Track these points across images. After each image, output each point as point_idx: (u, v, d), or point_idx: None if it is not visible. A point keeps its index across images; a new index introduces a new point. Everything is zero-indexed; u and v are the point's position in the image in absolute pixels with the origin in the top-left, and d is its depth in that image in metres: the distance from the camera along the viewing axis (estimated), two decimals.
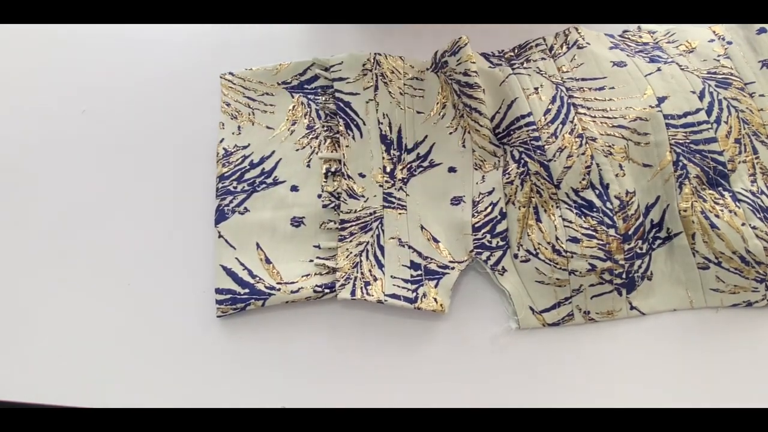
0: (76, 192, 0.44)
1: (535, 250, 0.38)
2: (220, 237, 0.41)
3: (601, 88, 0.42)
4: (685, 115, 0.40)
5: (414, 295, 0.38)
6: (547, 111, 0.41)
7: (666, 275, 0.39)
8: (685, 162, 0.39)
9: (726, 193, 0.38)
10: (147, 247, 0.42)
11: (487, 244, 0.39)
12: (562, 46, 0.44)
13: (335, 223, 0.40)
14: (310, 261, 0.40)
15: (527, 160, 0.39)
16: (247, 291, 0.39)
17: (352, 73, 0.44)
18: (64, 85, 0.49)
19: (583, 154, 0.39)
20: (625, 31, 0.46)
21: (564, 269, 0.37)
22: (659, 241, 0.39)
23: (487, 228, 0.39)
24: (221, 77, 0.47)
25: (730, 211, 0.37)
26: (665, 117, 0.39)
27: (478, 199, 0.40)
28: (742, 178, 0.39)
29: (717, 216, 0.37)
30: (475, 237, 0.39)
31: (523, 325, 0.38)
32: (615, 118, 0.40)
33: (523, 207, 0.39)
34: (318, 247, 0.40)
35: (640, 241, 0.38)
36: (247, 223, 0.41)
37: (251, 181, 0.42)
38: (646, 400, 0.36)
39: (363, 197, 0.41)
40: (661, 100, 0.40)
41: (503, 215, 0.39)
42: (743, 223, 0.36)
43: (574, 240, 0.37)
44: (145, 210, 0.43)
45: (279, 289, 0.38)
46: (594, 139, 0.39)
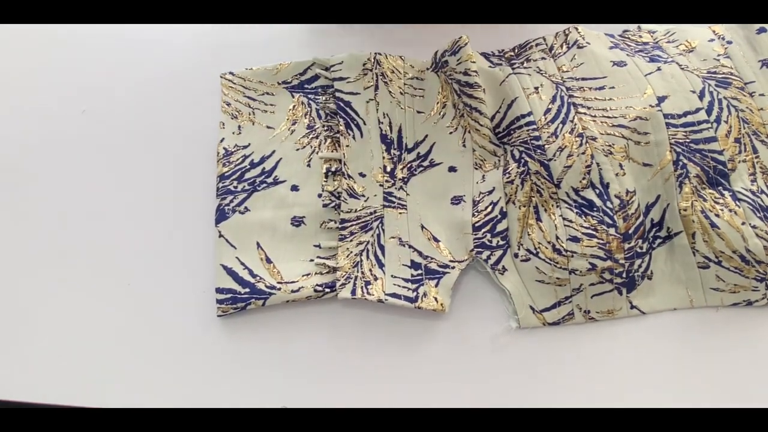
0: (76, 192, 0.44)
1: (536, 249, 0.38)
2: (221, 236, 0.41)
3: (601, 88, 0.42)
4: (685, 114, 0.40)
5: (414, 294, 0.38)
6: (548, 110, 0.41)
7: (666, 274, 0.39)
8: (685, 161, 0.39)
9: (726, 193, 0.38)
10: (147, 247, 0.42)
11: (488, 243, 0.39)
12: (562, 46, 0.44)
13: (336, 223, 0.40)
14: (311, 260, 0.40)
15: (527, 159, 0.39)
16: (247, 290, 0.39)
17: (352, 73, 0.44)
18: (64, 85, 0.49)
19: (583, 153, 0.39)
20: (625, 30, 0.46)
21: (564, 268, 0.37)
22: (659, 241, 0.39)
23: (487, 227, 0.39)
24: (221, 77, 0.47)
25: (730, 210, 0.37)
26: (665, 116, 0.39)
27: (478, 198, 0.40)
28: (742, 177, 0.39)
29: (717, 215, 0.37)
30: (476, 236, 0.39)
31: (524, 325, 0.38)
32: (615, 117, 0.40)
33: (524, 206, 0.39)
34: (318, 246, 0.40)
35: (641, 241, 0.38)
36: (247, 222, 0.41)
37: (252, 180, 0.42)
38: (646, 400, 0.36)
39: (363, 197, 0.41)
40: (661, 99, 0.40)
41: (503, 214, 0.39)
42: (743, 223, 0.37)
43: (575, 239, 0.37)
44: (145, 210, 0.43)
45: (279, 289, 0.38)
46: (594, 139, 0.39)
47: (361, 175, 0.42)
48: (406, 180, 0.42)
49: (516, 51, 0.45)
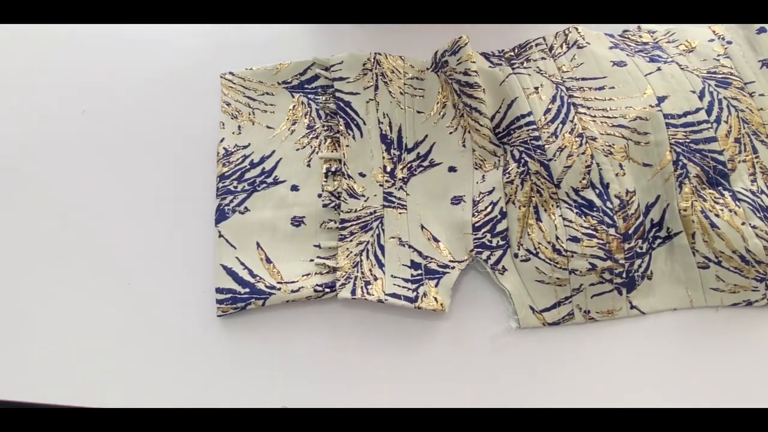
0: (76, 192, 0.44)
1: (536, 249, 0.38)
2: (221, 236, 0.41)
3: (601, 88, 0.42)
4: (685, 114, 0.40)
5: (414, 294, 0.38)
6: (547, 110, 0.41)
7: (666, 274, 0.39)
8: (685, 161, 0.39)
9: (726, 193, 0.38)
10: (147, 247, 0.42)
11: (488, 243, 0.39)
12: (562, 46, 0.44)
13: (335, 223, 0.40)
14: (311, 260, 0.40)
15: (527, 159, 0.39)
16: (247, 290, 0.39)
17: (352, 73, 0.44)
18: (64, 85, 0.49)
19: (583, 153, 0.39)
20: (625, 30, 0.46)
21: (564, 268, 0.37)
22: (659, 241, 0.39)
23: (487, 227, 0.39)
24: (221, 77, 0.47)
25: (730, 210, 0.37)
26: (665, 116, 0.39)
27: (478, 198, 0.40)
28: (742, 177, 0.39)
29: (717, 215, 0.37)
30: (476, 236, 0.39)
31: (524, 325, 0.38)
32: (615, 117, 0.40)
33: (524, 206, 0.39)
34: (318, 246, 0.40)
35: (640, 241, 0.38)
36: (247, 222, 0.41)
37: (251, 180, 0.42)
38: (646, 400, 0.36)
39: (363, 197, 0.41)
40: (661, 99, 0.40)
41: (503, 215, 0.39)
42: (743, 223, 0.37)
43: (575, 239, 0.37)
44: (145, 210, 0.43)
45: (279, 289, 0.38)
46: (594, 139, 0.39)
47: (361, 175, 0.42)
48: (406, 180, 0.42)
49: (516, 51, 0.45)
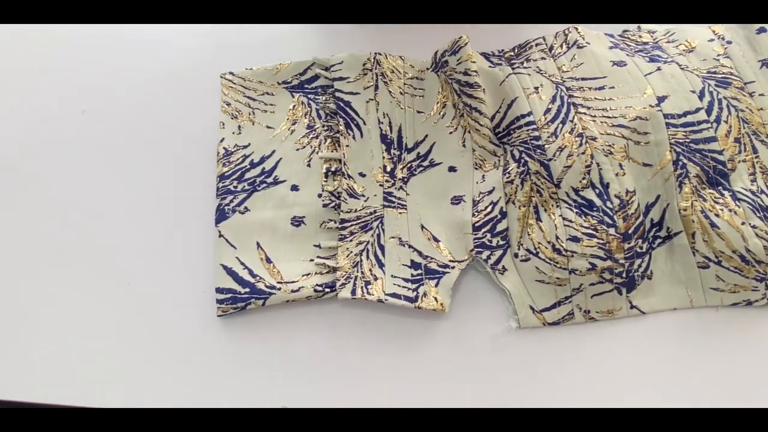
0: (76, 192, 0.44)
1: (536, 249, 0.38)
2: (221, 236, 0.41)
3: (601, 88, 0.42)
4: (685, 114, 0.40)
5: (414, 294, 0.38)
6: (547, 110, 0.41)
7: (666, 274, 0.39)
8: (685, 161, 0.39)
9: (726, 193, 0.38)
10: (147, 247, 0.42)
11: (488, 243, 0.39)
12: (562, 46, 0.44)
13: (335, 223, 0.40)
14: (311, 260, 0.40)
15: (527, 159, 0.39)
16: (247, 290, 0.39)
17: (352, 73, 0.44)
18: (64, 85, 0.49)
19: (583, 153, 0.39)
20: (625, 30, 0.46)
21: (564, 268, 0.37)
22: (659, 240, 0.39)
23: (487, 227, 0.39)
24: (221, 77, 0.47)
25: (730, 210, 0.37)
26: (665, 116, 0.39)
27: (478, 198, 0.40)
28: (742, 177, 0.39)
29: (717, 215, 0.37)
30: (476, 236, 0.39)
31: (524, 324, 0.38)
32: (615, 117, 0.40)
33: (524, 206, 0.39)
34: (318, 246, 0.40)
35: (640, 240, 0.38)
36: (247, 222, 0.41)
37: (252, 180, 0.42)
38: (646, 400, 0.36)
39: (363, 197, 0.41)
40: (661, 99, 0.40)
41: (503, 214, 0.39)
42: (743, 222, 0.37)
43: (575, 239, 0.37)
44: (145, 210, 0.43)
45: (279, 289, 0.38)
46: (594, 139, 0.39)
47: (361, 175, 0.42)
48: (406, 180, 0.42)
49: (516, 51, 0.45)
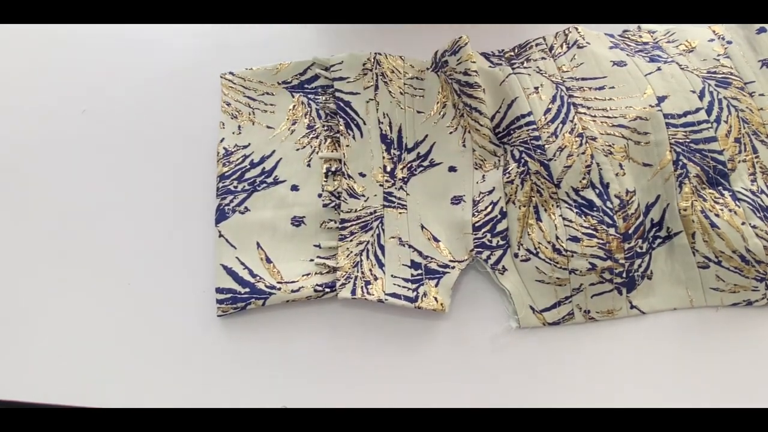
0: (76, 192, 0.44)
1: (536, 249, 0.38)
2: (221, 236, 0.41)
3: (601, 88, 0.42)
4: (685, 114, 0.40)
5: (414, 294, 0.38)
6: (548, 110, 0.41)
7: (666, 274, 0.39)
8: (685, 161, 0.39)
9: (726, 193, 0.38)
10: (147, 247, 0.42)
11: (488, 243, 0.39)
12: (562, 46, 0.44)
13: (335, 223, 0.40)
14: (311, 260, 0.40)
15: (527, 159, 0.39)
16: (247, 290, 0.39)
17: (352, 73, 0.44)
18: (64, 85, 0.49)
19: (583, 153, 0.39)
20: (625, 30, 0.46)
21: (564, 268, 0.37)
22: (659, 240, 0.39)
23: (487, 227, 0.39)
24: (221, 77, 0.47)
25: (730, 210, 0.37)
26: (665, 116, 0.39)
27: (478, 198, 0.40)
28: (742, 177, 0.39)
29: (717, 215, 0.37)
30: (476, 236, 0.39)
31: (524, 324, 0.38)
32: (615, 117, 0.40)
33: (524, 206, 0.39)
34: (318, 246, 0.40)
35: (640, 240, 0.38)
36: (247, 222, 0.41)
37: (252, 180, 0.42)
38: (646, 400, 0.36)
39: (363, 197, 0.41)
40: (661, 99, 0.40)
41: (503, 214, 0.39)
42: (743, 222, 0.37)
43: (575, 239, 0.37)
44: (145, 210, 0.43)
45: (279, 289, 0.38)
46: (594, 139, 0.39)
47: (361, 175, 0.42)
48: (406, 180, 0.42)
49: (516, 51, 0.45)
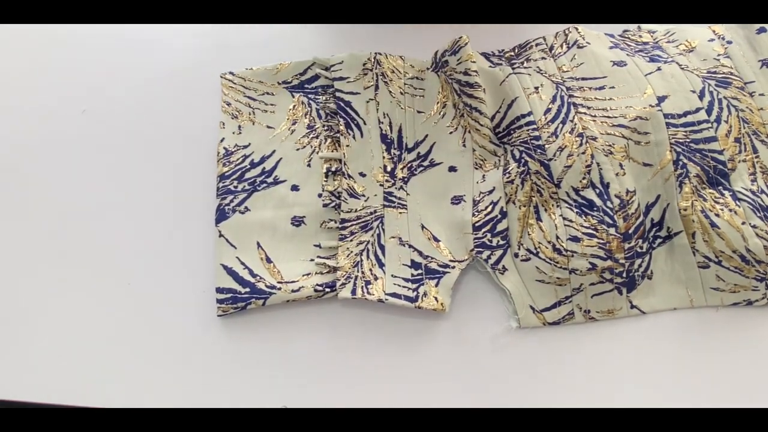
0: (76, 192, 0.44)
1: (536, 249, 0.38)
2: (221, 236, 0.41)
3: (601, 88, 0.42)
4: (685, 114, 0.40)
5: (415, 294, 0.38)
6: (548, 110, 0.41)
7: (666, 274, 0.39)
8: (685, 161, 0.39)
9: (726, 192, 0.38)
10: (147, 247, 0.42)
11: (488, 243, 0.39)
12: (562, 46, 0.44)
13: (336, 223, 0.40)
14: (311, 260, 0.40)
15: (528, 159, 0.39)
16: (247, 290, 0.39)
17: (352, 73, 0.44)
18: (64, 85, 0.49)
19: (583, 153, 0.39)
20: (625, 30, 0.46)
21: (564, 268, 0.37)
22: (659, 240, 0.39)
23: (487, 227, 0.39)
24: (221, 77, 0.47)
25: (731, 210, 0.37)
26: (665, 116, 0.39)
27: (478, 198, 0.40)
28: (742, 177, 0.39)
29: (717, 215, 0.37)
30: (476, 236, 0.39)
31: (524, 324, 0.38)
32: (615, 117, 0.40)
33: (524, 206, 0.39)
34: (319, 246, 0.40)
35: (641, 240, 0.38)
36: (247, 222, 0.41)
37: (252, 180, 0.42)
38: (646, 400, 0.36)
39: (363, 196, 0.41)
40: (661, 99, 0.40)
41: (504, 214, 0.39)
42: (743, 222, 0.37)
43: (575, 239, 0.37)
44: (145, 210, 0.43)
45: (280, 288, 0.38)
46: (594, 139, 0.39)
47: (362, 174, 0.42)
48: (406, 180, 0.42)
49: (516, 51, 0.45)
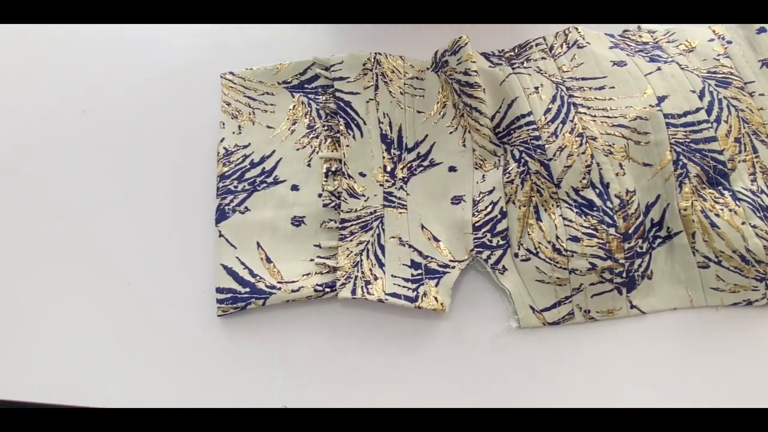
0: (76, 192, 0.44)
1: (536, 249, 0.38)
2: (221, 236, 0.41)
3: (601, 88, 0.42)
4: (685, 114, 0.40)
5: (414, 294, 0.38)
6: (548, 110, 0.41)
7: (666, 274, 0.39)
8: (685, 161, 0.39)
9: (726, 192, 0.38)
10: (147, 247, 0.42)
11: (488, 243, 0.39)
12: (562, 46, 0.44)
13: (336, 223, 0.40)
14: (311, 260, 0.40)
15: (527, 159, 0.39)
16: (247, 290, 0.39)
17: (352, 73, 0.44)
18: (64, 85, 0.49)
19: (583, 153, 0.39)
20: (625, 30, 0.46)
21: (564, 268, 0.37)
22: (659, 240, 0.39)
23: (487, 227, 0.39)
24: (221, 77, 0.47)
25: (730, 210, 0.37)
26: (665, 116, 0.39)
27: (478, 198, 0.40)
28: (742, 177, 0.39)
29: (717, 215, 0.37)
30: (476, 236, 0.39)
31: (524, 324, 0.38)
32: (615, 117, 0.40)
33: (524, 206, 0.39)
34: (318, 246, 0.40)
35: (641, 240, 0.38)
36: (247, 222, 0.41)
37: (252, 180, 0.42)
38: (646, 400, 0.36)
39: (363, 196, 0.41)
40: (661, 99, 0.40)
41: (503, 214, 0.39)
42: (743, 222, 0.37)
43: (575, 239, 0.37)
44: (145, 210, 0.43)
45: (280, 288, 0.38)
46: (594, 139, 0.39)
47: (361, 174, 0.42)
48: (406, 180, 0.42)
49: (516, 51, 0.45)
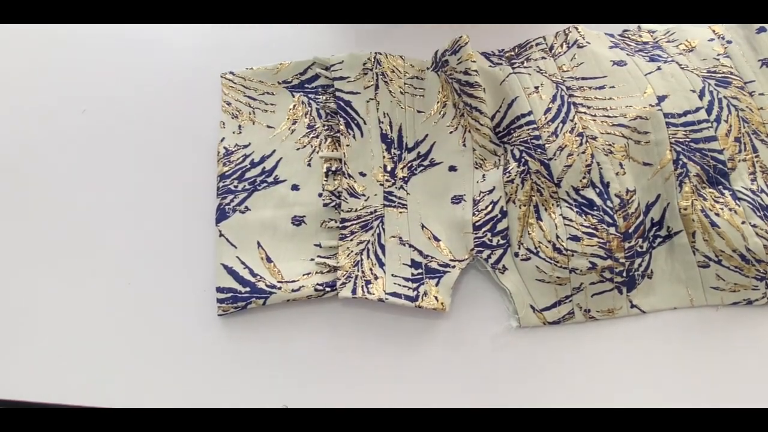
0: (76, 192, 0.44)
1: (536, 248, 0.38)
2: (221, 236, 0.41)
3: (601, 87, 0.42)
4: (685, 113, 0.40)
5: (415, 293, 0.38)
6: (548, 110, 0.41)
7: (666, 273, 0.39)
8: (685, 160, 0.39)
9: (726, 192, 0.38)
10: (147, 247, 0.42)
11: (488, 242, 0.39)
12: (562, 46, 0.44)
13: (336, 222, 0.40)
14: (311, 260, 0.40)
15: (528, 158, 0.39)
16: (248, 290, 0.39)
17: (352, 73, 0.44)
18: (64, 85, 0.49)
19: (583, 152, 0.39)
20: (625, 30, 0.46)
21: (565, 267, 0.37)
22: (659, 240, 0.39)
23: (487, 226, 0.39)
24: (222, 77, 0.47)
25: (731, 209, 0.37)
26: (665, 116, 0.39)
27: (478, 197, 0.40)
28: (742, 176, 0.39)
29: (717, 214, 0.37)
30: (476, 235, 0.39)
31: (524, 324, 0.38)
32: (615, 116, 0.40)
33: (524, 205, 0.39)
34: (319, 245, 0.40)
35: (641, 240, 0.38)
36: (248, 221, 0.41)
37: (252, 180, 0.42)
38: (646, 400, 0.36)
39: (364, 196, 0.41)
40: (661, 98, 0.40)
41: (504, 214, 0.39)
42: (743, 222, 0.37)
43: (575, 238, 0.37)
44: (145, 210, 0.43)
45: (280, 288, 0.38)
46: (594, 138, 0.39)
47: (362, 174, 0.42)
48: (406, 179, 0.42)
49: (516, 51, 0.45)
